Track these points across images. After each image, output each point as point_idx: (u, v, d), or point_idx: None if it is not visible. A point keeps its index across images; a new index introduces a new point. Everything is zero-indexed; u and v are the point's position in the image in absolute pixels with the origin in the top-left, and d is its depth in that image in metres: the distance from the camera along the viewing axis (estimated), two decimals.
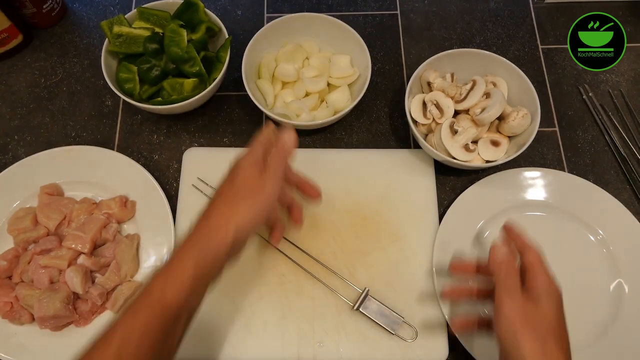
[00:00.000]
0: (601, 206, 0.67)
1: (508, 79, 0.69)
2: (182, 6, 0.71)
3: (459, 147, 0.64)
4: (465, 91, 0.67)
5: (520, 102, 0.68)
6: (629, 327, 0.62)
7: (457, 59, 0.70)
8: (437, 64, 0.70)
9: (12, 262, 0.63)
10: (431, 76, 0.69)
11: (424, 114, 0.67)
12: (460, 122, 0.66)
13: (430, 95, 0.68)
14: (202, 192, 0.68)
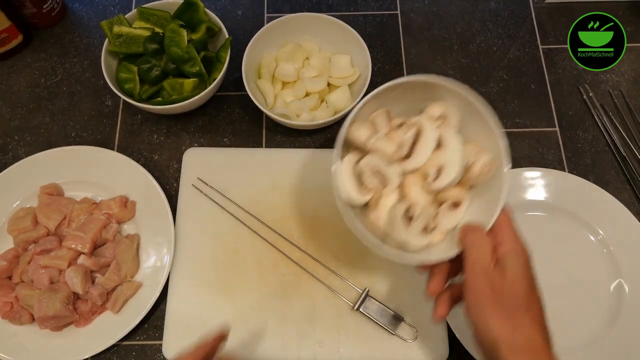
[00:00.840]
0: (601, 206, 0.67)
1: (460, 105, 0.50)
2: (182, 6, 0.71)
3: (417, 235, 0.47)
4: (408, 141, 0.48)
5: (478, 137, 0.49)
6: (629, 327, 0.62)
7: (389, 95, 0.50)
8: (368, 111, 0.51)
9: (12, 262, 0.63)
10: (362, 134, 0.48)
11: (359, 188, 0.48)
12: (410, 191, 0.47)
13: (367, 160, 0.47)
14: (202, 192, 0.68)
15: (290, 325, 0.62)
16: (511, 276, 0.43)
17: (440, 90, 0.49)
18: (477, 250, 0.44)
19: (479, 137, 0.49)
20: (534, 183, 0.69)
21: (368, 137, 0.48)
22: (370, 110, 0.50)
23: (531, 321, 0.43)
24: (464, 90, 0.48)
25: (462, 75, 0.79)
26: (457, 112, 0.49)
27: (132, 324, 0.60)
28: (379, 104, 0.50)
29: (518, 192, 0.68)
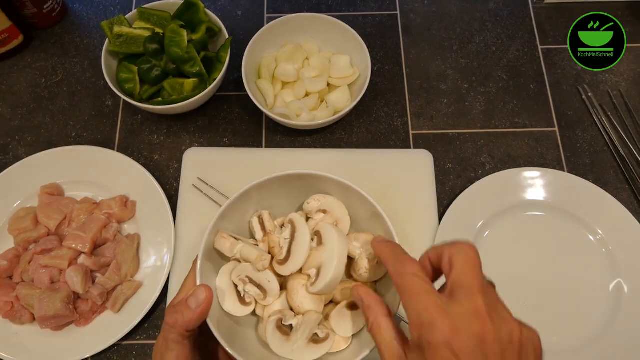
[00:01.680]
0: (600, 206, 0.67)
1: (342, 197, 0.47)
2: (183, 6, 0.72)
3: (304, 347, 0.41)
4: (285, 242, 0.44)
5: (369, 225, 0.47)
6: (628, 327, 0.62)
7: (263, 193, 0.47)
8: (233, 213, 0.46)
9: (12, 262, 0.63)
10: (225, 245, 0.44)
11: (240, 300, 0.44)
12: (294, 297, 0.43)
13: (239, 271, 0.44)
14: (202, 192, 0.68)
15: None
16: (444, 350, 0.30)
17: (320, 181, 0.46)
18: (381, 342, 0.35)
19: (373, 225, 0.46)
20: (533, 183, 0.69)
21: (231, 246, 0.44)
22: (244, 210, 0.47)
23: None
24: (341, 178, 0.45)
25: (462, 75, 0.79)
26: (339, 203, 0.47)
27: (133, 324, 0.61)
28: (256, 205, 0.47)
29: (517, 192, 0.69)
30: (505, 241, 0.67)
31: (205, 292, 0.39)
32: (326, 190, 0.47)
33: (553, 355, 0.61)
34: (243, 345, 0.42)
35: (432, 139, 0.74)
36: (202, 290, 0.39)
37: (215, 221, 0.43)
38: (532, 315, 0.63)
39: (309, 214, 0.47)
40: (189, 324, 0.38)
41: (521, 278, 0.65)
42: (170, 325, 0.38)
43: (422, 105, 0.77)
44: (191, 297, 0.39)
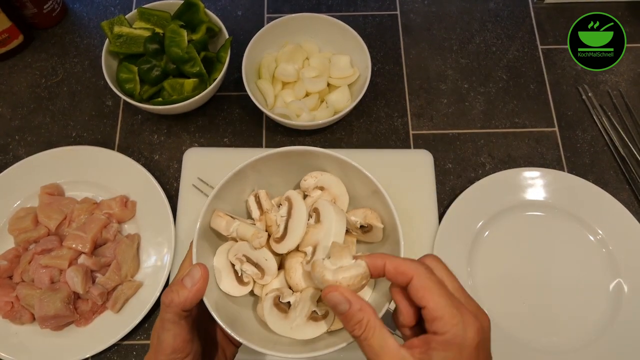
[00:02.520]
0: (600, 206, 0.67)
1: (340, 174, 0.46)
2: (183, 7, 0.72)
3: (303, 325, 0.40)
4: (282, 220, 0.43)
5: (368, 203, 0.46)
6: (628, 327, 0.62)
7: (260, 171, 0.46)
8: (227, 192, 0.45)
9: (12, 262, 0.63)
10: (221, 224, 0.43)
11: (237, 280, 0.44)
12: (292, 275, 0.42)
13: (235, 250, 0.43)
14: (202, 192, 0.68)
15: None
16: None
17: (318, 158, 0.45)
18: (367, 347, 0.34)
19: (372, 203, 0.45)
20: (533, 183, 0.69)
21: (227, 225, 0.43)
22: (240, 189, 0.46)
23: None
24: (337, 154, 0.44)
25: (462, 75, 0.79)
26: (337, 180, 0.46)
27: (133, 324, 0.61)
28: (252, 184, 0.46)
29: (517, 192, 0.69)
30: (505, 241, 0.67)
31: (200, 270, 0.38)
32: (323, 167, 0.46)
33: (553, 356, 0.61)
34: (242, 325, 0.42)
35: (432, 139, 0.74)
36: (197, 269, 0.38)
37: (210, 200, 0.42)
38: (532, 315, 0.64)
39: (306, 192, 0.46)
40: (184, 303, 0.37)
41: (521, 278, 0.65)
42: (166, 304, 0.37)
43: (422, 105, 0.77)
44: (187, 276, 0.38)
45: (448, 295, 0.33)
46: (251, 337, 0.40)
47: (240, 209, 0.47)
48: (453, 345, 0.32)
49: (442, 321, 0.32)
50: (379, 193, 0.43)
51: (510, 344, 0.62)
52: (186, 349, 0.38)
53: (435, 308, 0.32)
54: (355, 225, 0.44)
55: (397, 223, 0.42)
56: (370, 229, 0.45)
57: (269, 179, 0.47)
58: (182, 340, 0.37)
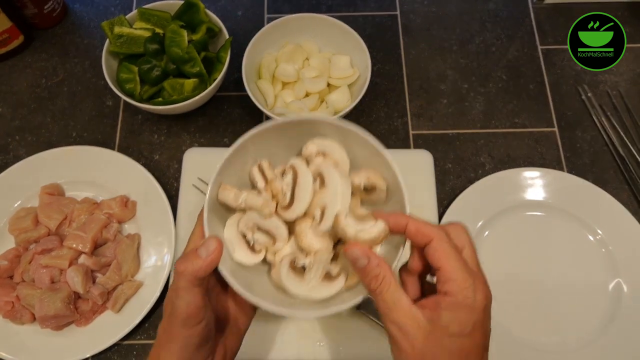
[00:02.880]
0: (600, 206, 0.67)
1: (341, 139, 0.47)
2: (183, 7, 0.72)
3: (319, 285, 0.42)
4: (287, 188, 0.44)
5: (369, 165, 0.46)
6: (627, 327, 0.62)
7: (264, 142, 0.46)
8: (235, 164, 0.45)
9: (13, 262, 0.63)
10: (229, 196, 0.43)
11: (250, 248, 0.45)
12: (303, 239, 0.43)
13: (246, 220, 0.44)
14: (202, 192, 0.68)
15: (290, 325, 0.62)
16: (440, 337, 0.34)
17: (317, 126, 0.46)
18: (382, 302, 0.36)
19: (373, 163, 0.45)
20: (532, 183, 0.69)
21: (235, 196, 0.43)
22: (242, 162, 0.46)
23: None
24: (336, 120, 0.45)
25: (462, 75, 0.79)
26: (338, 145, 0.46)
27: (133, 324, 0.61)
28: (255, 156, 0.46)
29: (517, 192, 0.69)
30: (505, 241, 0.67)
31: (215, 242, 0.39)
32: (323, 134, 0.46)
33: (553, 355, 0.61)
34: (258, 290, 0.43)
35: (432, 139, 0.74)
36: (212, 241, 0.39)
37: (216, 175, 0.43)
38: (531, 315, 0.64)
39: (308, 158, 0.46)
40: (198, 271, 0.38)
41: (521, 278, 0.65)
42: (180, 272, 0.38)
43: (422, 106, 0.77)
44: (201, 247, 0.39)
45: (462, 261, 0.35)
46: (267, 300, 0.41)
47: (244, 183, 0.47)
48: (463, 307, 0.34)
49: (454, 283, 0.34)
50: (379, 155, 0.44)
51: (510, 344, 0.62)
52: (199, 316, 0.38)
53: (450, 270, 0.35)
54: (358, 186, 0.45)
55: (400, 181, 0.43)
56: (374, 190, 0.45)
57: (270, 151, 0.47)
58: (196, 307, 0.38)
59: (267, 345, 0.61)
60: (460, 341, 0.34)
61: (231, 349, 0.44)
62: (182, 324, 0.38)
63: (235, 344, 0.45)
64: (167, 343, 0.39)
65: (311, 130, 0.46)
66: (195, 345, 0.39)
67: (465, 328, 0.34)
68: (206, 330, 0.39)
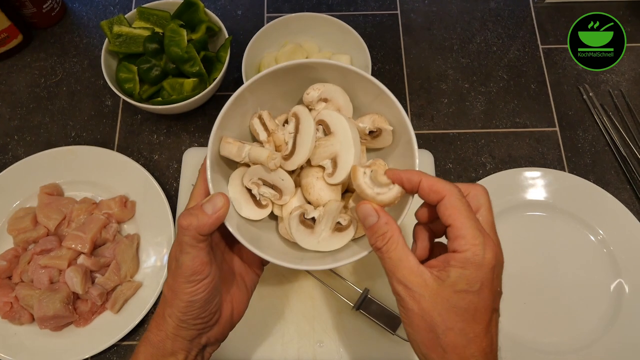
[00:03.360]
0: (601, 206, 0.67)
1: (342, 83, 0.45)
2: (182, 6, 0.71)
3: (329, 237, 0.42)
4: (289, 137, 0.42)
5: (372, 107, 0.45)
6: (629, 327, 0.62)
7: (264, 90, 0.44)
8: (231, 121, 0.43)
9: (12, 262, 0.63)
10: (232, 150, 0.42)
11: (255, 203, 0.43)
12: (311, 191, 0.42)
13: (250, 174, 0.43)
14: None
15: (290, 325, 0.62)
16: (449, 294, 0.34)
17: (316, 70, 0.43)
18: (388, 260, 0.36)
19: (377, 108, 0.44)
20: (534, 183, 0.69)
21: (238, 150, 0.42)
22: (242, 113, 0.44)
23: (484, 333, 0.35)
24: (336, 62, 0.43)
25: (462, 75, 0.79)
26: (340, 89, 0.44)
27: (132, 324, 0.60)
28: (255, 106, 0.45)
29: (518, 192, 0.68)
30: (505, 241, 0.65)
31: (223, 198, 0.38)
32: (324, 79, 0.44)
33: (553, 355, 0.61)
34: (266, 245, 0.42)
35: (433, 139, 0.74)
36: (219, 197, 0.38)
37: (215, 129, 0.41)
38: (532, 315, 0.63)
39: (309, 105, 0.45)
40: (203, 227, 0.37)
41: (521, 278, 0.65)
42: (184, 227, 0.37)
43: (423, 105, 0.76)
44: (207, 202, 0.38)
45: (474, 219, 0.35)
46: (277, 255, 0.40)
47: (245, 134, 0.46)
48: (471, 263, 0.33)
49: (464, 239, 0.34)
50: (382, 95, 0.42)
51: (510, 343, 0.61)
52: (204, 271, 0.38)
53: (460, 227, 0.34)
54: (364, 131, 0.43)
55: (406, 121, 0.41)
56: (380, 134, 0.44)
57: (270, 99, 0.46)
58: (201, 263, 0.37)
59: (267, 345, 0.61)
60: (469, 298, 0.33)
61: (238, 308, 0.44)
62: (187, 280, 0.37)
63: (243, 303, 0.45)
64: (173, 299, 0.38)
65: (311, 76, 0.44)
66: (201, 301, 0.38)
67: (474, 285, 0.33)
68: (211, 286, 0.38)
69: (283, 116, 0.46)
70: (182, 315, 0.38)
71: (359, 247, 0.41)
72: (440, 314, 0.33)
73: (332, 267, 0.41)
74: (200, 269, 0.37)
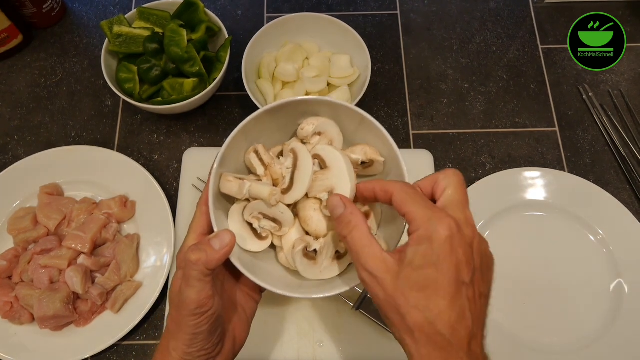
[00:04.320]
0: (601, 206, 0.67)
1: (331, 115, 0.46)
2: (182, 6, 0.71)
3: (329, 265, 0.44)
4: (287, 172, 0.44)
5: (358, 136, 0.47)
6: (629, 327, 0.62)
7: (259, 128, 0.46)
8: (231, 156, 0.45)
9: (12, 262, 0.63)
10: (232, 188, 0.44)
11: (256, 236, 0.45)
12: (310, 222, 0.43)
13: (251, 209, 0.44)
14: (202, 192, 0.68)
15: (290, 325, 0.62)
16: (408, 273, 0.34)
17: (309, 106, 0.46)
18: (353, 247, 0.37)
19: (363, 135, 0.46)
20: (533, 183, 0.69)
21: (239, 188, 0.43)
22: (238, 149, 0.46)
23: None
24: (327, 98, 0.45)
25: (462, 75, 0.79)
26: (331, 122, 0.46)
27: (132, 324, 0.61)
28: (250, 141, 0.47)
29: (518, 192, 0.68)
30: (505, 241, 0.67)
31: (230, 235, 0.39)
32: (316, 113, 0.47)
33: (553, 356, 0.61)
34: (266, 275, 0.43)
35: (432, 139, 0.74)
36: (227, 234, 0.39)
37: (216, 168, 0.44)
38: (532, 315, 0.63)
39: (304, 139, 0.47)
40: (210, 262, 0.38)
41: (521, 278, 0.65)
42: (193, 262, 0.38)
43: (422, 105, 0.76)
44: (214, 239, 0.39)
45: (422, 201, 0.36)
46: (277, 284, 0.42)
47: (241, 167, 0.48)
48: (423, 239, 0.34)
49: (415, 221, 0.35)
50: (374, 128, 0.44)
51: (510, 344, 0.61)
52: (209, 304, 0.39)
53: (410, 212, 0.35)
54: (357, 162, 0.45)
55: (397, 153, 0.44)
56: (372, 164, 0.46)
57: (265, 134, 0.47)
58: (206, 296, 0.38)
59: (267, 346, 0.61)
60: (426, 273, 0.33)
61: (240, 337, 0.45)
62: (191, 313, 0.38)
63: (244, 332, 0.46)
64: (177, 332, 0.39)
65: (303, 110, 0.46)
66: (205, 333, 0.39)
67: (429, 259, 0.33)
68: (215, 318, 0.39)
69: (277, 148, 0.48)
70: (186, 347, 0.39)
71: (354, 274, 0.43)
72: (403, 293, 0.34)
73: (331, 294, 0.41)
74: (205, 302, 0.38)
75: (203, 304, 0.38)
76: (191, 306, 0.38)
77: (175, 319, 0.40)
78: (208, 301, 0.39)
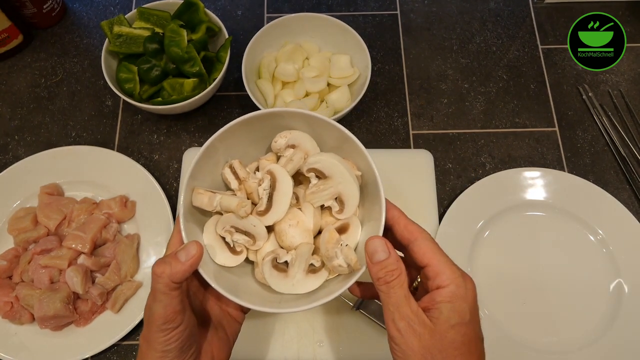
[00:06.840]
0: (601, 206, 0.67)
1: (308, 129, 0.46)
2: (182, 6, 0.72)
3: (303, 279, 0.43)
4: (264, 193, 0.43)
5: (341, 153, 0.46)
6: (628, 327, 0.62)
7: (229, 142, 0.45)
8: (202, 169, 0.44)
9: (12, 262, 0.63)
10: (203, 201, 0.43)
11: (230, 250, 0.45)
12: (284, 239, 0.43)
13: (223, 223, 0.44)
14: None
15: (290, 325, 0.62)
16: (445, 336, 0.35)
17: (284, 118, 0.45)
18: (394, 295, 0.37)
19: (345, 153, 0.45)
20: (533, 183, 0.69)
21: (209, 200, 0.43)
22: (213, 164, 0.46)
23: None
24: (302, 110, 0.44)
25: (462, 75, 0.79)
26: (306, 135, 0.46)
27: (132, 324, 0.61)
28: (226, 155, 0.46)
29: (517, 192, 0.68)
30: (505, 241, 0.67)
31: (196, 246, 0.39)
32: (291, 126, 0.46)
33: (553, 356, 0.61)
34: (244, 291, 0.43)
35: (432, 139, 0.74)
36: (193, 245, 0.39)
37: (187, 180, 0.43)
38: (532, 315, 0.64)
39: (278, 152, 0.46)
40: (176, 275, 0.37)
41: (521, 278, 0.65)
42: (157, 275, 0.37)
43: (422, 105, 0.77)
44: (182, 250, 0.38)
45: (447, 257, 0.37)
46: (254, 300, 0.41)
47: (218, 182, 0.47)
48: (458, 296, 0.35)
49: (444, 275, 0.36)
50: (350, 141, 0.44)
51: (510, 344, 0.61)
52: (177, 320, 0.38)
53: (438, 265, 0.37)
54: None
55: (372, 166, 0.43)
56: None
57: (240, 147, 0.47)
58: (173, 311, 0.37)
59: (267, 345, 0.61)
60: (463, 331, 0.35)
61: (219, 357, 0.43)
62: (159, 329, 0.37)
63: (223, 352, 0.44)
64: (147, 351, 0.38)
65: (279, 123, 0.46)
66: (176, 350, 0.38)
67: (465, 317, 0.35)
68: (185, 335, 0.38)
69: (254, 164, 0.47)
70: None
71: (335, 286, 0.42)
72: (441, 350, 0.35)
73: (310, 307, 0.41)
74: (172, 317, 0.37)
75: (170, 319, 0.37)
76: (158, 321, 0.37)
77: (145, 336, 0.38)
78: (176, 316, 0.37)
